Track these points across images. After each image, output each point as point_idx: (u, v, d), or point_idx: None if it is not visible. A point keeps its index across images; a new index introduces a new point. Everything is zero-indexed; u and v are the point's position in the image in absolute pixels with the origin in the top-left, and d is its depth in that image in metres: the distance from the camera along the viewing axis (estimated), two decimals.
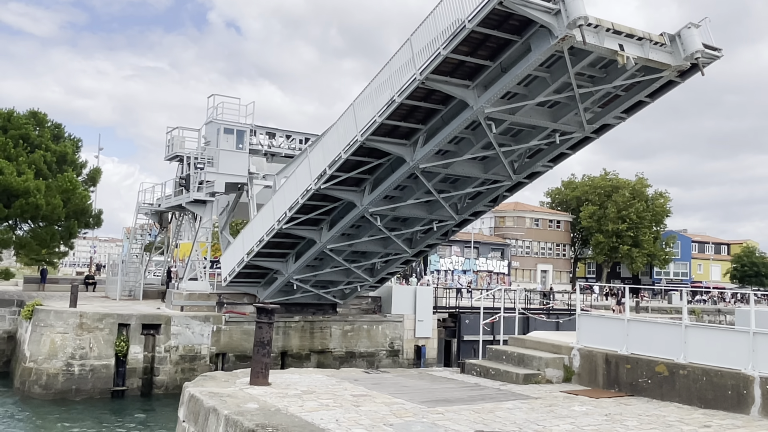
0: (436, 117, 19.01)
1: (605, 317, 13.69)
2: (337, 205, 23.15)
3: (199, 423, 9.94)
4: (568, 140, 20.04)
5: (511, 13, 14.61)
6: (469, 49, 16.12)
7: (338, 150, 20.24)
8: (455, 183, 22.22)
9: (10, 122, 33.58)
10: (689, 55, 15.81)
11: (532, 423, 9.53)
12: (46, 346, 24.65)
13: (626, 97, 18.39)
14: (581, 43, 14.45)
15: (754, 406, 10.42)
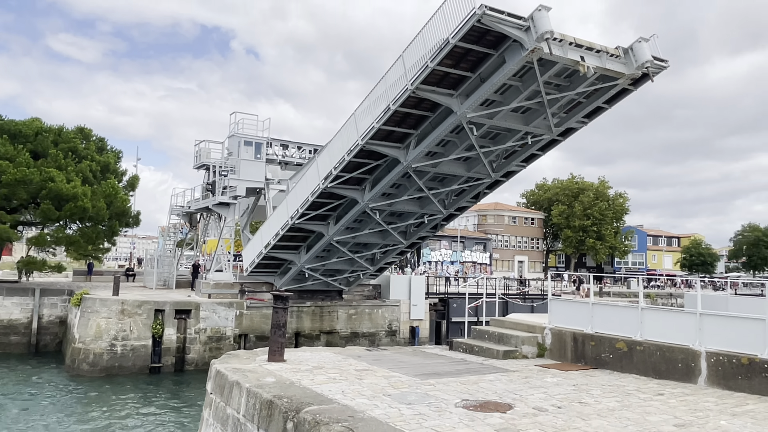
0: (425, 123, 19.08)
1: (573, 301, 13.75)
2: (342, 202, 23.18)
3: (225, 395, 9.96)
4: (539, 142, 20.17)
5: (488, 30, 14.87)
6: (452, 62, 16.28)
7: (342, 153, 20.34)
8: (443, 181, 22.22)
9: (60, 137, 33.56)
10: (640, 64, 16.09)
11: (511, 392, 9.55)
12: (93, 329, 24.68)
13: (587, 103, 18.54)
14: (548, 54, 14.72)
15: (700, 377, 10.46)
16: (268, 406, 8.33)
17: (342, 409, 7.87)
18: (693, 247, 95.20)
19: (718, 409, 8.72)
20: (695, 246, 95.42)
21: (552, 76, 16.51)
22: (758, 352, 9.81)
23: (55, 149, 32.36)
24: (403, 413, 7.97)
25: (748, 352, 9.95)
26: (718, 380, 10.22)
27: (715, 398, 9.45)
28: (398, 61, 17.46)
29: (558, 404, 8.82)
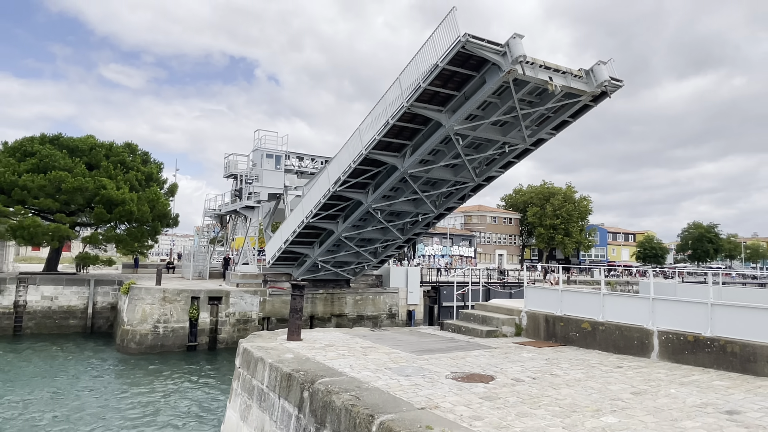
0: (418, 135, 19.06)
1: (545, 288, 13.73)
2: (349, 204, 23.11)
3: (251, 369, 9.97)
4: (514, 150, 20.13)
5: (471, 55, 14.95)
6: (441, 83, 16.30)
7: (349, 161, 20.32)
8: (434, 185, 22.14)
9: (111, 151, 33.60)
10: (599, 83, 16.18)
11: (493, 366, 9.55)
12: (139, 314, 24.69)
13: (555, 117, 18.55)
14: (522, 75, 14.82)
15: (653, 352, 10.47)
16: (288, 378, 8.34)
17: (350, 381, 7.88)
18: (646, 242, 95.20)
19: (669, 379, 8.73)
20: (648, 241, 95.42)
21: (525, 93, 16.54)
22: (702, 331, 9.82)
23: (107, 162, 32.42)
24: (402, 384, 7.97)
25: (693, 330, 9.96)
26: (668, 355, 10.23)
27: (665, 370, 9.46)
28: (395, 83, 17.51)
29: (533, 376, 8.83)
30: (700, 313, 9.94)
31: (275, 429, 8.41)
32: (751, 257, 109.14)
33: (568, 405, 7.10)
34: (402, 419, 6.11)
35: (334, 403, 6.93)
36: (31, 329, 28.96)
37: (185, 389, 18.72)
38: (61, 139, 32.89)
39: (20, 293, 29.17)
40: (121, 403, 16.83)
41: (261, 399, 9.19)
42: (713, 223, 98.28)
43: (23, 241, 30.12)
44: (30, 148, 31.35)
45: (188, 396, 17.90)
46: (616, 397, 7.50)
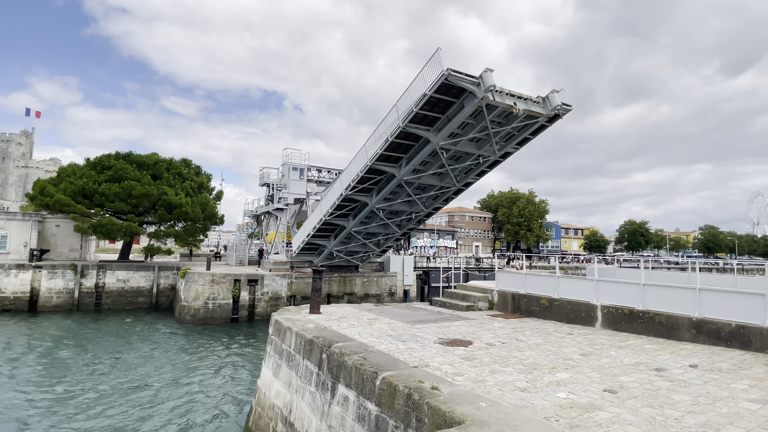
0: (412, 149, 18.98)
1: (512, 272, 13.69)
2: (357, 205, 23.01)
3: (281, 336, 9.96)
4: (487, 161, 20.02)
5: (452, 85, 15.01)
6: (429, 107, 16.26)
7: (357, 171, 20.27)
8: (424, 189, 21.99)
9: (171, 165, 33.58)
10: (553, 107, 16.27)
11: (471, 333, 9.54)
12: (193, 293, 24.69)
13: (518, 135, 18.51)
14: (492, 101, 14.96)
15: (597, 322, 10.45)
16: (310, 343, 8.34)
17: (359, 345, 7.88)
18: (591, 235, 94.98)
19: (609, 344, 8.71)
20: (593, 235, 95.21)
21: (495, 116, 16.56)
22: (636, 305, 9.80)
23: (167, 173, 32.43)
24: (399, 347, 7.97)
25: (629, 305, 9.94)
26: (609, 324, 10.21)
27: (607, 336, 9.44)
28: (393, 109, 17.47)
29: (502, 341, 8.82)
30: (634, 291, 9.92)
31: (300, 383, 8.42)
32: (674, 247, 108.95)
33: (531, 364, 7.09)
34: (400, 375, 6.10)
35: (346, 363, 6.93)
36: (108, 305, 29.00)
37: (229, 352, 18.73)
38: (132, 155, 32.89)
39: (100, 277, 29.21)
40: (179, 361, 16.85)
41: (289, 359, 9.19)
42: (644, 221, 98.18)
43: (102, 236, 30.17)
44: (107, 163, 31.39)
45: (231, 357, 17.92)
46: (568, 358, 7.49)
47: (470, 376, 6.31)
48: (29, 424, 11.14)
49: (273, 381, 9.84)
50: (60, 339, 20.20)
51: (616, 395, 5.63)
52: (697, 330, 8.72)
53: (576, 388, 5.89)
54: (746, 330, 8.10)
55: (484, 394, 5.49)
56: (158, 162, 33.03)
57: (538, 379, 6.23)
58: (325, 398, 7.35)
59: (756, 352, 7.87)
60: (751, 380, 6.29)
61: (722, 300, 8.61)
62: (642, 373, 6.59)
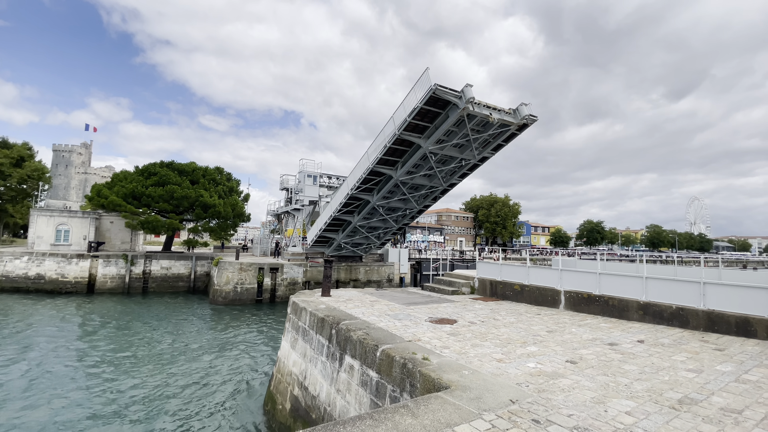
0: (406, 154, 18.94)
1: (490, 263, 13.68)
2: (360, 203, 22.96)
3: (297, 314, 9.96)
4: (468, 164, 19.96)
5: (439, 98, 15.14)
6: (420, 117, 16.30)
7: (360, 173, 20.23)
8: (416, 189, 21.90)
9: (206, 172, 33.53)
10: (522, 117, 16.43)
11: (455, 313, 9.53)
12: (224, 278, 24.65)
13: (494, 141, 18.52)
14: (472, 111, 15.07)
15: (561, 305, 10.44)
16: (321, 321, 8.33)
17: (362, 323, 7.87)
18: (557, 233, 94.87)
19: (571, 322, 8.71)
20: (558, 232, 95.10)
21: (474, 124, 16.64)
22: (593, 290, 9.80)
23: (203, 179, 32.37)
24: (396, 325, 7.96)
25: (587, 290, 9.94)
26: (571, 306, 10.21)
27: (569, 317, 9.44)
28: (390, 120, 17.51)
29: (482, 320, 8.82)
30: (592, 279, 9.93)
31: (313, 354, 8.41)
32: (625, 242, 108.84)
33: (505, 339, 7.09)
34: (396, 348, 6.11)
35: (352, 337, 6.93)
36: (153, 289, 28.96)
37: (254, 328, 18.72)
38: (173, 164, 32.83)
39: (147, 265, 29.16)
40: (212, 335, 16.83)
41: (304, 334, 9.19)
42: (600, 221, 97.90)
43: (148, 231, 30.12)
44: (153, 170, 31.32)
45: (256, 332, 17.91)
46: (537, 334, 7.50)
47: (455, 349, 6.32)
48: (86, 382, 11.13)
49: (291, 352, 9.84)
50: (114, 315, 20.18)
51: (576, 365, 5.63)
52: (644, 311, 8.73)
53: (543, 359, 5.90)
54: (685, 311, 8.10)
55: (466, 364, 5.50)
56: (195, 169, 32.97)
57: (512, 352, 6.24)
58: (334, 367, 7.36)
59: (693, 330, 7.88)
60: (688, 353, 6.30)
61: (665, 286, 8.62)
62: (598, 347, 6.60)
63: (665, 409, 4.23)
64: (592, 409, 4.18)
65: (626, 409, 4.21)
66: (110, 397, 10.54)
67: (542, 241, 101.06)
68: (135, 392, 10.84)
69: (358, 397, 6.37)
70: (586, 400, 4.39)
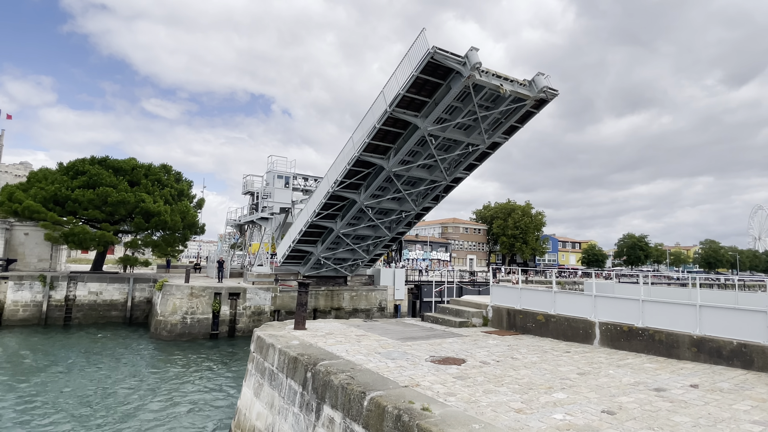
0: (400, 138, 19.01)
1: (507, 287, 13.72)
2: (345, 203, 22.84)
3: (263, 353, 9.85)
4: (476, 152, 20.09)
5: (438, 65, 15.26)
6: (416, 90, 16.43)
7: (344, 164, 20.27)
8: (413, 184, 21.95)
9: (149, 171, 33.30)
10: (540, 89, 16.76)
11: (464, 351, 9.52)
12: (170, 307, 24.33)
13: (506, 122, 18.78)
14: (479, 80, 15.44)
15: (595, 339, 10.49)
16: (294, 361, 8.25)
17: (346, 363, 7.81)
18: (590, 249, 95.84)
19: (608, 362, 8.74)
20: (591, 248, 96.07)
21: (482, 99, 16.82)
22: (635, 322, 9.87)
23: (145, 180, 32.14)
24: (389, 366, 7.91)
25: (628, 322, 10.01)
26: (607, 342, 10.26)
27: (605, 354, 9.48)
28: (380, 96, 17.50)
29: (497, 359, 8.81)
30: (634, 307, 10.00)
31: (283, 404, 8.30)
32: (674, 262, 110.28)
33: (526, 383, 7.08)
34: (389, 395, 6.05)
35: (332, 382, 6.86)
36: (79, 319, 28.44)
37: (208, 370, 18.43)
38: (108, 160, 32.58)
39: (71, 289, 28.69)
40: (153, 380, 16.52)
41: (271, 378, 9.07)
42: (643, 234, 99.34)
43: (74, 246, 29.68)
44: (81, 167, 31.03)
45: (210, 376, 17.63)
46: (565, 377, 7.50)
47: (463, 396, 6.28)
48: None
49: (254, 401, 9.68)
50: (24, 356, 19.72)
51: (614, 416, 5.63)
52: (698, 348, 8.80)
53: (573, 409, 5.89)
54: (748, 348, 8.19)
55: (477, 416, 5.46)
56: (136, 167, 32.73)
57: (534, 400, 6.22)
58: (310, 420, 7.25)
59: (758, 371, 7.96)
60: (753, 401, 6.35)
61: (723, 317, 8.71)
62: (641, 393, 6.62)
63: None
64: None
65: None
66: None
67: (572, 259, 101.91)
68: None
69: None
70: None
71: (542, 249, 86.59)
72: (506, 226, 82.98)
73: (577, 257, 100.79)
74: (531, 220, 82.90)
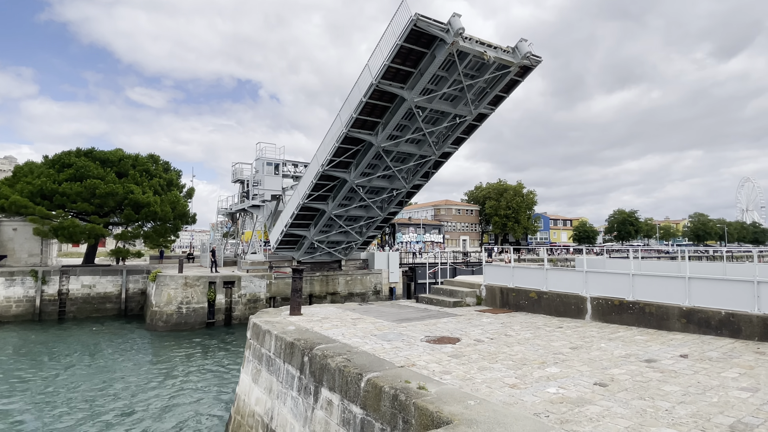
0: (387, 112, 19.02)
1: (500, 266, 13.82)
2: (336, 183, 22.79)
3: (260, 339, 9.89)
4: (463, 122, 20.17)
5: (422, 32, 15.39)
6: (401, 60, 16.50)
7: (333, 142, 20.27)
8: (403, 160, 21.97)
9: (137, 161, 32.86)
10: (523, 55, 16.98)
11: (458, 330, 9.62)
12: (165, 297, 24.30)
13: (491, 91, 18.91)
14: (462, 47, 15.70)
15: (587, 314, 10.65)
16: (290, 346, 8.29)
17: (342, 346, 7.87)
18: (581, 226, 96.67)
19: (599, 336, 8.89)
20: (582, 225, 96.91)
21: (466, 67, 16.94)
22: (626, 296, 10.02)
23: (133, 170, 31.74)
24: (385, 347, 7.99)
25: (619, 296, 10.16)
26: (599, 316, 10.42)
27: (597, 328, 9.63)
28: (365, 69, 17.50)
29: (491, 336, 8.92)
30: (624, 281, 10.14)
31: (281, 388, 8.37)
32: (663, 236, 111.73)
33: (520, 359, 7.19)
34: (385, 376, 6.12)
35: (329, 365, 6.92)
36: (73, 313, 28.34)
37: (205, 358, 18.52)
38: (94, 152, 32.08)
39: (63, 283, 28.50)
40: (151, 371, 16.59)
41: (269, 364, 9.13)
42: (633, 210, 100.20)
43: (64, 239, 29.38)
44: (67, 160, 30.53)
45: (208, 364, 17.73)
46: (558, 352, 7.62)
47: (458, 374, 6.37)
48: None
49: (252, 387, 9.76)
50: (20, 352, 19.66)
51: (606, 388, 5.75)
52: (688, 319, 8.97)
53: (566, 382, 6.00)
54: (736, 318, 8.36)
55: (472, 392, 5.55)
56: (123, 158, 32.27)
57: (528, 375, 6.33)
58: (308, 403, 7.33)
59: (746, 339, 8.14)
60: (741, 368, 6.50)
61: (712, 288, 8.87)
62: (632, 365, 6.75)
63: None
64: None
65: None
66: None
67: (563, 237, 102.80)
68: None
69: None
70: (620, 431, 4.49)
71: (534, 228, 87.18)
72: (498, 206, 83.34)
73: (568, 235, 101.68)
74: (523, 200, 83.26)
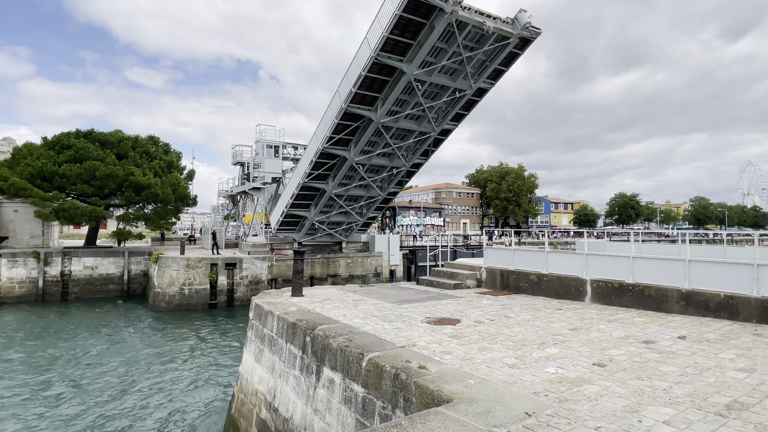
0: (386, 87, 18.91)
1: (500, 249, 13.84)
2: (335, 162, 22.74)
3: (262, 320, 9.98)
4: (463, 96, 20.08)
5: (421, 2, 15.33)
6: (399, 32, 16.42)
7: (332, 119, 20.18)
8: (402, 137, 21.90)
9: (137, 143, 32.72)
10: (522, 26, 16.99)
11: (459, 311, 9.69)
12: (167, 279, 24.46)
13: (490, 64, 18.79)
14: (461, 16, 15.70)
15: (587, 296, 10.71)
16: (293, 326, 8.37)
17: (343, 327, 7.94)
18: (582, 209, 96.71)
19: (599, 318, 8.96)
20: (583, 209, 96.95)
21: (465, 38, 16.87)
22: (625, 279, 10.06)
23: (133, 152, 31.64)
24: (386, 328, 8.06)
25: (618, 278, 10.20)
26: (598, 298, 10.49)
27: (596, 311, 9.70)
28: (364, 42, 17.36)
29: (491, 318, 8.99)
30: (624, 264, 10.17)
31: (284, 368, 8.48)
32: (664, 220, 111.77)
33: (519, 340, 7.26)
34: (386, 356, 6.19)
35: (331, 345, 6.99)
36: (76, 294, 28.58)
37: (208, 339, 18.73)
38: (94, 133, 31.90)
39: (65, 264, 28.67)
40: (155, 351, 16.80)
41: (271, 344, 9.23)
42: (634, 193, 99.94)
43: (65, 221, 29.45)
44: (67, 142, 30.39)
45: (211, 344, 17.94)
46: (557, 333, 7.69)
47: (458, 354, 6.44)
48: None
49: (255, 366, 9.89)
50: (24, 332, 19.88)
51: (605, 368, 5.82)
52: (687, 302, 9.03)
53: (565, 362, 6.07)
54: (734, 300, 8.41)
55: (472, 372, 5.62)
56: (123, 140, 32.11)
57: (527, 355, 6.39)
58: (310, 382, 7.44)
59: (743, 321, 8.20)
60: (738, 350, 6.57)
61: (711, 271, 8.90)
62: (631, 346, 6.82)
63: (710, 417, 4.43)
64: (624, 420, 4.34)
65: (664, 418, 4.39)
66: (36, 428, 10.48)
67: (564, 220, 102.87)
68: (65, 425, 10.80)
69: (341, 417, 6.48)
70: (617, 410, 4.56)
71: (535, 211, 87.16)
72: (499, 189, 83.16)
73: (569, 218, 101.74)
74: (524, 183, 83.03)
